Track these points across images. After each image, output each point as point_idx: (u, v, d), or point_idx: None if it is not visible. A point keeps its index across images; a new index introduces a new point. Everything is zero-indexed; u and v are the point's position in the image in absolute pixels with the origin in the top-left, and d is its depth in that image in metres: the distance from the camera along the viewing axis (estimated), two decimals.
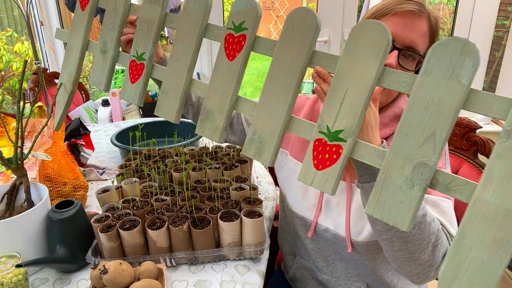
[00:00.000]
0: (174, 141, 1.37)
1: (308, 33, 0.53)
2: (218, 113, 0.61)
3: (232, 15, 0.59)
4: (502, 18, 2.53)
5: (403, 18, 0.76)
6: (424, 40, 0.77)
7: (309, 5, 7.47)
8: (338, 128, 0.52)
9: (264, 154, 0.57)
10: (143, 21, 0.69)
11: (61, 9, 2.69)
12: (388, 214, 0.48)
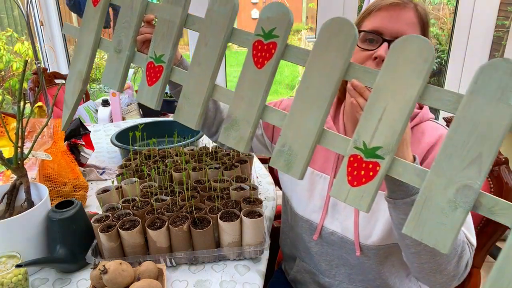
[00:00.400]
0: (174, 141, 1.37)
1: (345, 45, 0.52)
2: (244, 122, 0.59)
3: (262, 21, 0.57)
4: (502, 18, 2.53)
5: (389, 11, 0.77)
6: (414, 30, 0.78)
7: (309, 5, 7.47)
8: (375, 145, 0.50)
9: (294, 167, 0.56)
10: (163, 22, 0.66)
11: (61, 9, 2.69)
12: (428, 236, 0.47)
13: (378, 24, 0.78)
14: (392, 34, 0.76)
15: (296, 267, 1.03)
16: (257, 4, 7.72)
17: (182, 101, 0.64)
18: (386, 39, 0.77)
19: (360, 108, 0.60)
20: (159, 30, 0.67)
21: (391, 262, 0.89)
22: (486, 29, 2.20)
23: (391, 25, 0.77)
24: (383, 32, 0.77)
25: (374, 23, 0.79)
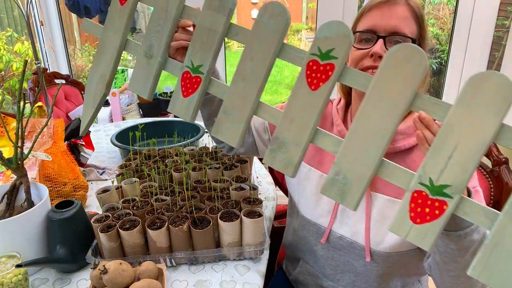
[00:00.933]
0: (174, 141, 1.37)
1: (414, 74, 0.48)
2: (293, 145, 0.56)
3: (319, 40, 0.53)
4: (502, 18, 2.53)
5: (380, 9, 0.79)
6: (408, 24, 0.78)
7: (309, 5, 7.47)
8: (443, 183, 0.47)
9: (348, 197, 0.53)
10: (203, 30, 0.61)
11: (61, 9, 2.68)
12: (497, 281, 0.45)
13: (371, 23, 0.79)
14: (386, 30, 0.77)
15: (299, 269, 1.02)
16: (257, 4, 7.72)
17: (222, 117, 0.60)
18: (381, 35, 0.77)
19: (426, 141, 0.57)
20: (198, 38, 0.61)
21: (400, 270, 0.88)
22: (486, 29, 2.20)
23: (384, 21, 0.77)
24: (377, 30, 0.78)
25: (367, 22, 0.80)
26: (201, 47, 0.61)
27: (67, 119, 2.17)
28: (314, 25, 4.52)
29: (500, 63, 2.37)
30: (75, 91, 2.29)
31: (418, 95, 0.49)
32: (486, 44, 2.24)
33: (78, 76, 4.71)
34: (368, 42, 0.80)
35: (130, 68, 3.03)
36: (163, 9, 0.64)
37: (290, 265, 1.09)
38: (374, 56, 0.77)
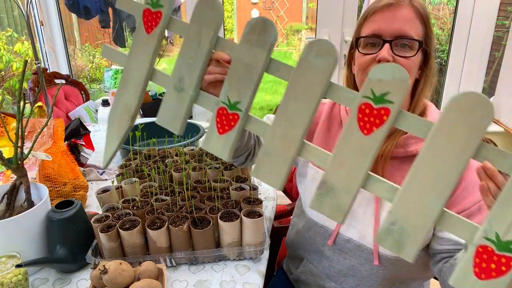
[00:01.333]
0: (174, 141, 1.37)
1: (480, 124, 0.46)
2: (342, 192, 0.53)
3: (372, 82, 0.50)
4: (502, 18, 2.53)
5: (384, 12, 0.78)
6: (414, 26, 0.77)
7: (309, 5, 7.48)
8: (511, 238, 0.46)
9: (405, 249, 0.50)
10: (240, 64, 0.57)
11: (61, 9, 2.69)
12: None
13: (376, 27, 0.78)
14: (391, 34, 0.77)
15: (302, 268, 1.02)
16: (257, 4, 7.72)
17: (263, 158, 0.57)
18: (387, 40, 0.77)
19: (490, 193, 0.55)
20: (234, 73, 0.58)
21: (406, 274, 0.87)
22: (486, 29, 2.20)
23: (389, 25, 0.77)
24: (382, 34, 0.77)
25: (372, 27, 0.79)
26: (238, 82, 0.58)
27: (67, 119, 2.17)
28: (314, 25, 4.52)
29: (500, 63, 2.37)
30: (75, 91, 2.29)
31: (483, 145, 0.47)
32: (486, 44, 2.24)
33: (78, 76, 4.71)
34: (374, 46, 0.79)
35: None
36: (195, 40, 0.60)
37: (292, 264, 1.08)
38: (381, 62, 0.76)
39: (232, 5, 7.85)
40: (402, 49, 0.77)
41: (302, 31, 6.94)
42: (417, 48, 0.77)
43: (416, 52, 0.77)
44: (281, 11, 7.62)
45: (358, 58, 0.82)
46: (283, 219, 1.48)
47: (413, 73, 0.80)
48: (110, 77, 2.78)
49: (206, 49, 0.60)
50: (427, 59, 0.81)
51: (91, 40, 5.31)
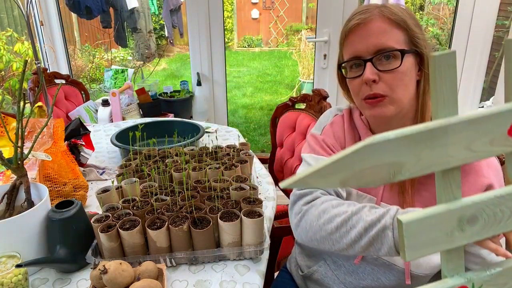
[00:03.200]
0: (174, 141, 1.37)
1: None
2: None
3: None
4: (502, 18, 2.53)
5: (355, 33, 0.77)
6: (391, 35, 0.75)
7: (309, 5, 7.48)
8: None
9: None
10: None
11: (61, 9, 2.69)
12: None
13: (353, 49, 0.77)
14: (369, 51, 0.75)
15: (317, 267, 0.98)
16: (257, 4, 7.72)
17: None
18: (366, 58, 0.76)
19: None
20: None
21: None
22: (486, 29, 2.20)
23: (364, 44, 0.75)
24: (361, 54, 0.76)
25: (349, 50, 0.78)
26: None
27: (67, 119, 2.17)
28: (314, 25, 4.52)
29: (500, 63, 2.38)
30: (75, 91, 2.29)
31: None
32: (486, 44, 2.25)
33: (78, 76, 4.71)
34: (358, 66, 0.78)
35: (130, 68, 3.03)
36: None
37: (306, 260, 1.03)
38: (368, 83, 0.76)
39: (232, 5, 7.85)
40: (386, 62, 0.76)
41: (302, 31, 6.94)
42: (400, 57, 0.75)
43: (401, 62, 0.75)
44: (281, 11, 7.62)
45: (349, 83, 0.82)
46: (283, 219, 1.48)
47: (407, 79, 0.77)
48: (110, 77, 2.78)
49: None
50: (422, 59, 0.79)
51: (91, 40, 5.31)
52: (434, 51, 0.78)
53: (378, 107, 0.77)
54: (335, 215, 0.76)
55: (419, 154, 0.41)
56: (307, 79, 5.01)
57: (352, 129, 0.90)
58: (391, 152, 0.40)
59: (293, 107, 1.62)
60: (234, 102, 5.21)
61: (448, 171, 0.43)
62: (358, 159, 0.39)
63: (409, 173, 0.41)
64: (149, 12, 5.19)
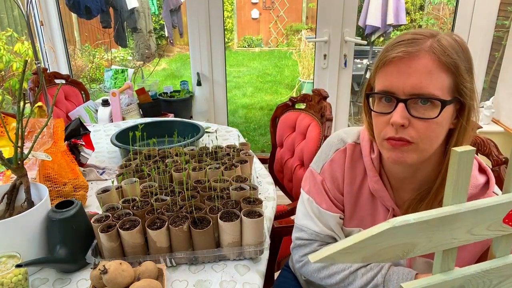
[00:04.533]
0: (174, 141, 1.37)
1: None
2: None
3: None
4: (502, 18, 2.53)
5: (397, 65, 0.66)
6: (435, 79, 0.65)
7: (309, 5, 7.48)
8: None
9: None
10: None
11: (61, 9, 2.69)
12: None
13: (388, 83, 0.68)
14: (406, 92, 0.66)
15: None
16: (257, 4, 7.72)
17: None
18: (401, 98, 0.66)
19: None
20: None
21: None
22: (486, 29, 2.21)
23: (402, 81, 0.66)
24: (395, 92, 0.67)
25: (384, 81, 0.69)
26: None
27: (67, 119, 2.17)
28: (314, 25, 4.52)
29: (500, 63, 2.37)
30: (75, 91, 2.29)
31: None
32: (486, 44, 2.25)
33: (78, 76, 4.71)
34: (388, 102, 0.69)
35: (130, 68, 3.03)
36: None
37: None
38: (395, 126, 0.67)
39: (232, 5, 7.85)
40: (421, 108, 0.66)
41: (302, 31, 6.94)
42: (440, 107, 0.65)
43: (439, 113, 0.65)
44: (281, 11, 7.62)
45: (373, 117, 0.73)
46: (283, 219, 1.48)
47: (440, 130, 0.68)
48: (110, 77, 2.78)
49: None
50: (462, 109, 0.69)
51: (91, 40, 5.31)
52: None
53: (399, 152, 0.69)
54: (334, 272, 0.82)
55: (431, 236, 0.47)
56: (307, 79, 5.01)
57: (354, 169, 0.83)
58: (408, 234, 0.46)
59: (293, 107, 1.62)
60: (234, 102, 5.21)
61: (449, 250, 0.50)
62: (380, 240, 0.46)
63: (419, 252, 0.48)
64: (149, 12, 5.19)
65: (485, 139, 1.05)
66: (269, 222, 1.06)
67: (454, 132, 0.71)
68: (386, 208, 0.81)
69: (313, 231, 0.86)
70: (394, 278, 0.76)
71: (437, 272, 0.51)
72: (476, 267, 0.51)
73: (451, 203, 0.49)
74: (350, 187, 0.84)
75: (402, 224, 0.46)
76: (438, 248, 0.49)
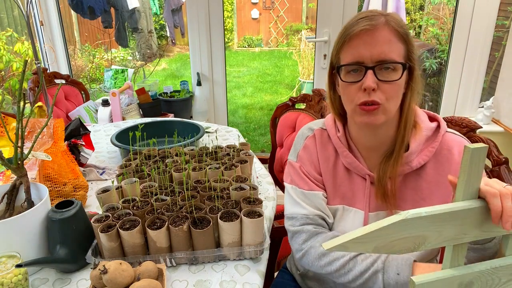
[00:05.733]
0: (174, 141, 1.37)
1: None
2: None
3: None
4: (502, 18, 2.53)
5: (362, 38, 0.76)
6: (395, 47, 0.76)
7: (309, 5, 7.47)
8: None
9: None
10: None
11: (61, 9, 2.69)
12: None
13: (356, 54, 0.77)
14: (372, 60, 0.76)
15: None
16: (257, 4, 7.72)
17: None
18: (369, 66, 0.76)
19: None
20: None
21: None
22: (486, 29, 2.20)
23: (368, 51, 0.75)
24: (363, 61, 0.76)
25: (352, 53, 0.77)
26: None
27: (67, 119, 2.17)
28: (314, 25, 4.52)
29: (500, 63, 2.37)
30: (75, 91, 2.29)
31: None
32: (486, 44, 2.24)
33: (78, 76, 4.71)
34: (356, 72, 0.78)
35: (130, 68, 3.03)
36: None
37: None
38: (367, 90, 0.76)
39: (232, 5, 7.85)
40: (385, 72, 0.77)
41: (302, 31, 6.94)
42: (401, 70, 0.77)
43: (401, 75, 0.77)
44: (281, 11, 7.62)
45: (342, 88, 0.82)
46: (283, 219, 1.48)
47: (400, 92, 0.79)
48: (110, 77, 2.78)
49: None
50: (411, 73, 0.81)
51: (91, 40, 5.31)
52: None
53: (372, 115, 0.78)
54: (334, 259, 0.83)
55: (441, 230, 0.49)
56: (307, 79, 5.01)
57: (325, 150, 0.92)
58: (420, 227, 0.48)
59: (293, 107, 1.62)
60: (234, 102, 5.21)
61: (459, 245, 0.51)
62: (392, 231, 0.48)
63: (430, 245, 0.50)
64: (150, 12, 5.19)
65: (485, 139, 1.05)
66: (269, 222, 1.06)
67: (406, 94, 0.82)
68: (363, 178, 0.88)
69: (302, 215, 0.90)
70: (393, 264, 0.78)
71: (447, 267, 0.52)
72: (486, 264, 0.52)
73: (462, 199, 0.49)
74: (326, 167, 0.92)
75: (414, 216, 0.47)
76: (448, 242, 0.50)
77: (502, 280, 0.53)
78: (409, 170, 0.83)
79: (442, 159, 0.83)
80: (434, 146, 0.82)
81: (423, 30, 4.70)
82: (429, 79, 3.65)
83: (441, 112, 2.49)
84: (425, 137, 0.83)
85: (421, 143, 0.83)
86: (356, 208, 0.89)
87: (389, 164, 0.83)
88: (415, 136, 0.83)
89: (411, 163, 0.83)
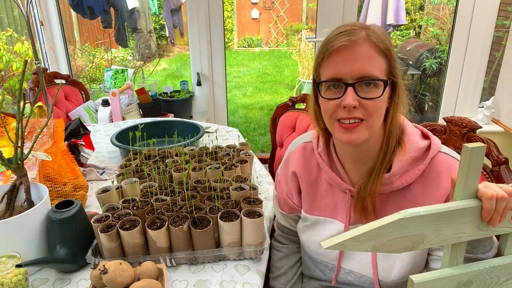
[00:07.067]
0: (174, 141, 1.37)
1: None
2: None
3: None
4: (502, 18, 2.53)
5: (341, 54, 0.73)
6: (375, 62, 0.73)
7: (309, 5, 7.47)
8: None
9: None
10: None
11: (61, 9, 2.69)
12: None
13: (335, 71, 0.74)
14: (352, 77, 0.73)
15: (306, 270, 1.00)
16: (257, 4, 7.72)
17: None
18: (349, 83, 0.73)
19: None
20: None
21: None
22: (486, 29, 2.20)
23: (348, 67, 0.73)
24: (343, 77, 0.73)
25: (331, 69, 0.75)
26: None
27: (67, 119, 2.17)
28: (314, 25, 4.52)
29: (500, 63, 2.37)
30: (75, 91, 2.29)
31: None
32: (486, 44, 2.24)
33: (78, 76, 4.70)
34: (336, 88, 0.75)
35: (130, 68, 3.03)
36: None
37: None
38: (347, 108, 0.74)
39: (232, 5, 7.85)
40: (367, 89, 0.74)
41: (302, 31, 6.94)
42: (383, 86, 0.74)
43: (382, 92, 0.74)
44: (281, 11, 7.62)
45: (322, 103, 0.79)
46: None
47: (383, 107, 0.77)
48: (110, 77, 2.78)
49: None
50: (394, 88, 0.78)
51: (91, 40, 5.31)
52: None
53: (353, 133, 0.76)
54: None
55: (440, 229, 0.49)
56: (307, 79, 5.01)
57: (308, 163, 0.92)
58: (418, 226, 0.48)
59: (293, 107, 1.62)
60: (234, 102, 5.21)
61: (457, 244, 0.51)
62: (390, 230, 0.48)
63: (429, 244, 0.50)
64: (150, 12, 5.19)
65: (485, 139, 1.05)
66: (269, 222, 1.06)
67: (390, 109, 0.79)
68: (344, 192, 0.87)
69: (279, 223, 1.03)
70: None
71: (446, 266, 0.52)
72: (485, 263, 0.52)
73: (460, 198, 0.49)
74: (307, 178, 0.92)
75: (412, 215, 0.47)
76: (447, 241, 0.50)
77: (501, 279, 0.54)
78: (389, 190, 0.80)
79: (430, 182, 0.79)
80: (420, 169, 0.79)
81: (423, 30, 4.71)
82: (429, 79, 3.65)
83: (441, 112, 2.49)
84: (411, 159, 0.79)
85: (406, 165, 0.79)
86: (337, 220, 0.88)
87: (370, 181, 0.80)
88: (399, 157, 0.79)
89: (393, 184, 0.80)
